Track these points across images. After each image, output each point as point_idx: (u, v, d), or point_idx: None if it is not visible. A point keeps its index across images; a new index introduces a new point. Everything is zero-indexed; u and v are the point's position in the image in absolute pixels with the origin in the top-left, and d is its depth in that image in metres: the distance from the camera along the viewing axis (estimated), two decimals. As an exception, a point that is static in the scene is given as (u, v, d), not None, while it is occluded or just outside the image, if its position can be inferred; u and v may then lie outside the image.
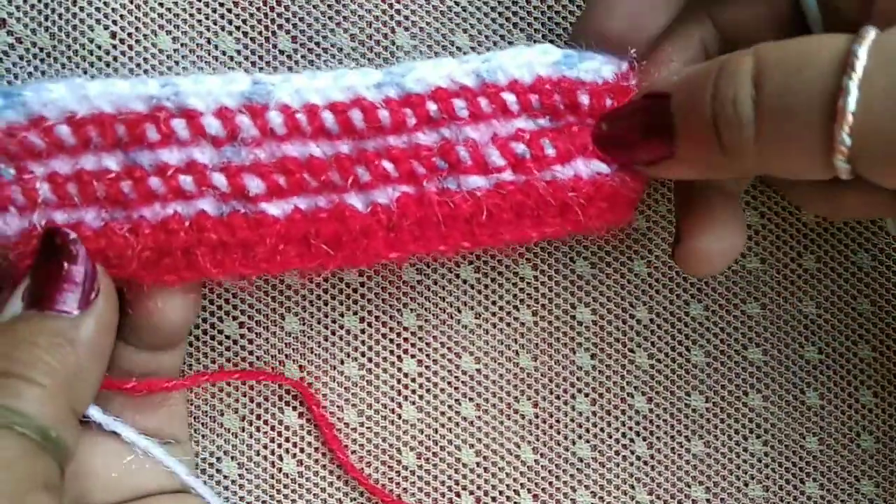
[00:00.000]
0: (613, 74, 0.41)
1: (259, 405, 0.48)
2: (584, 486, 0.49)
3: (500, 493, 0.49)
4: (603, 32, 0.41)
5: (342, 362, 0.48)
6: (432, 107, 0.39)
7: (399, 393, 0.48)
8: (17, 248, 0.38)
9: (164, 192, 0.38)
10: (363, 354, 0.48)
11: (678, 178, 0.43)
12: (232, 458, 0.48)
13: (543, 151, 0.40)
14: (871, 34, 0.33)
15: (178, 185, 0.38)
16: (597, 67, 0.41)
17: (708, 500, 0.49)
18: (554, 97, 0.40)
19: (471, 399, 0.49)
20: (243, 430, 0.48)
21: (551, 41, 0.48)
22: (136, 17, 0.47)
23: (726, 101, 0.35)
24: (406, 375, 0.48)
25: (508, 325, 0.49)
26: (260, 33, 0.48)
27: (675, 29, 0.43)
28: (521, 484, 0.49)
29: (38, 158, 0.38)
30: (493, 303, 0.48)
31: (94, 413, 0.41)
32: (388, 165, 0.39)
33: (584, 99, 0.40)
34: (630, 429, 0.49)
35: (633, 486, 0.49)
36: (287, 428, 0.48)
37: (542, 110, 0.41)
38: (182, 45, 0.47)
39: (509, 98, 0.40)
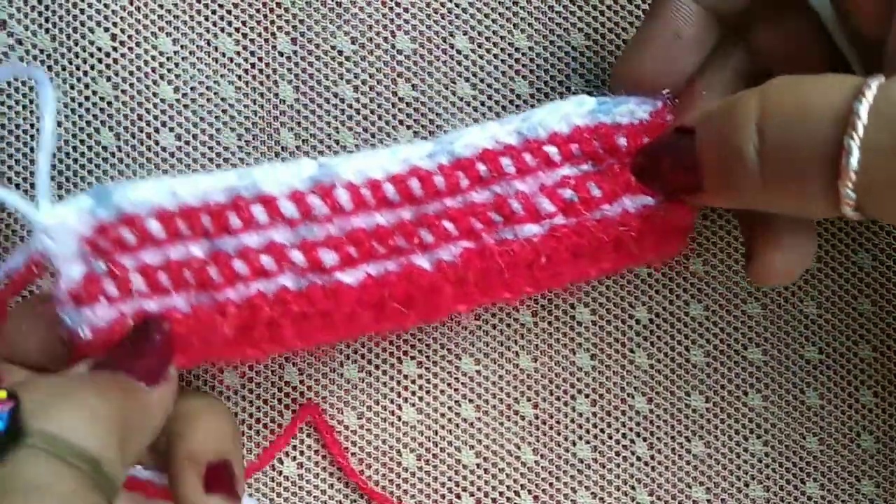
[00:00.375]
0: (649, 115, 0.43)
1: (258, 409, 0.48)
2: (585, 487, 0.49)
3: (501, 494, 0.49)
4: (637, 77, 0.43)
5: (341, 364, 0.48)
6: (482, 167, 0.42)
7: (399, 395, 0.48)
8: (102, 338, 0.39)
9: (248, 273, 0.40)
10: (363, 356, 0.48)
11: (715, 205, 0.44)
12: (232, 460, 0.48)
13: (590, 193, 0.42)
14: (872, 89, 0.33)
15: (260, 266, 0.40)
16: (632, 110, 0.43)
17: (709, 501, 0.49)
18: (593, 144, 0.43)
19: (470, 400, 0.49)
20: (242, 434, 0.48)
21: (552, 42, 0.48)
22: (135, 19, 0.47)
23: (732, 146, 0.36)
24: (406, 377, 0.48)
25: (508, 325, 0.49)
26: (259, 35, 0.48)
27: (709, 60, 0.44)
28: (522, 485, 0.49)
29: (128, 251, 0.39)
30: (493, 304, 0.48)
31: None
32: (448, 225, 0.41)
33: (622, 141, 0.43)
34: (630, 429, 0.49)
35: (633, 487, 0.49)
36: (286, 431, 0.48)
37: (583, 157, 0.43)
38: (182, 46, 0.47)
39: (551, 150, 0.42)
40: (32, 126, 0.47)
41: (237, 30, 0.48)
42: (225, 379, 0.48)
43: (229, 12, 0.48)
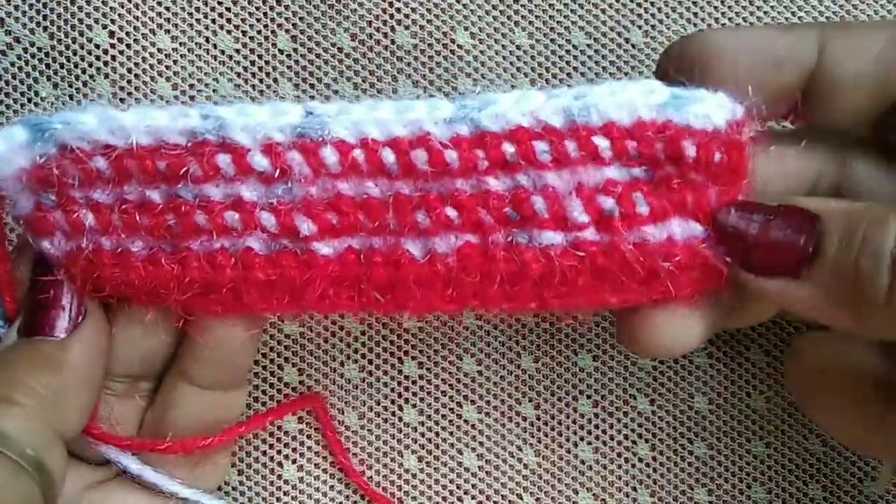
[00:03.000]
0: (726, 122, 0.36)
1: (258, 410, 0.48)
2: (587, 488, 0.49)
3: (503, 496, 0.48)
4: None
5: (342, 364, 0.48)
6: (509, 149, 0.35)
7: (400, 395, 0.48)
8: (65, 268, 0.38)
9: (210, 227, 0.36)
10: (363, 357, 0.48)
11: (787, 305, 0.38)
12: (232, 465, 0.48)
13: (635, 209, 0.36)
14: None
15: (223, 223, 0.36)
16: (709, 112, 0.35)
17: (711, 503, 0.49)
18: (655, 145, 0.35)
19: (472, 401, 0.48)
20: (242, 437, 0.47)
21: (552, 39, 0.48)
22: (134, 17, 0.47)
23: (875, 264, 0.33)
24: (407, 378, 0.48)
25: (510, 326, 0.48)
26: (259, 32, 0.48)
27: (804, 148, 0.40)
28: (524, 487, 0.48)
29: (77, 188, 0.36)
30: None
31: (132, 465, 0.42)
32: (451, 212, 0.36)
33: (690, 150, 0.35)
34: (632, 431, 0.49)
35: (635, 489, 0.49)
36: (287, 433, 0.48)
37: (638, 159, 0.36)
38: (181, 44, 0.47)
39: (602, 143, 0.35)
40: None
41: (237, 27, 0.48)
42: (256, 427, 0.47)
43: (229, 10, 0.48)
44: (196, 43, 0.47)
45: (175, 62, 0.47)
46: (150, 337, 0.41)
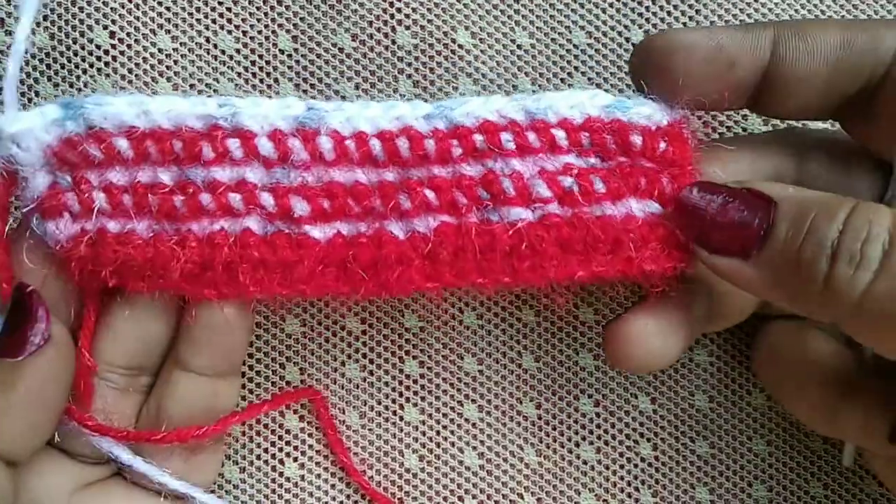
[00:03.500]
0: (667, 121, 0.41)
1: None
2: (588, 488, 0.49)
3: (504, 496, 0.48)
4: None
5: (343, 364, 0.48)
6: (479, 138, 0.40)
7: (401, 395, 0.48)
8: (66, 252, 0.39)
9: (213, 208, 0.39)
10: (364, 356, 0.48)
11: (735, 283, 0.40)
12: (234, 462, 0.48)
13: (593, 186, 0.40)
14: None
15: (227, 203, 0.39)
16: (649, 114, 0.41)
17: (712, 502, 0.49)
18: (605, 136, 0.40)
19: (473, 401, 0.48)
20: (244, 435, 0.48)
21: (553, 39, 0.48)
22: (135, 17, 0.47)
23: (856, 237, 0.35)
24: (408, 377, 0.48)
25: (511, 325, 0.48)
26: (260, 32, 0.48)
27: (759, 142, 0.44)
28: (525, 487, 0.48)
29: (95, 168, 0.39)
30: (496, 303, 0.48)
31: (124, 455, 0.42)
32: (429, 194, 0.40)
33: (637, 140, 0.40)
34: (634, 430, 0.49)
35: (637, 489, 0.49)
36: (288, 432, 0.48)
37: (592, 149, 0.40)
38: (181, 44, 0.47)
39: (559, 134, 0.40)
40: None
41: (237, 27, 0.48)
42: (254, 416, 0.47)
43: (229, 10, 0.48)
44: (196, 43, 0.47)
45: (175, 62, 0.47)
46: (148, 326, 0.42)
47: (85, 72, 0.47)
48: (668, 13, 0.49)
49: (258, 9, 0.48)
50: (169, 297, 0.41)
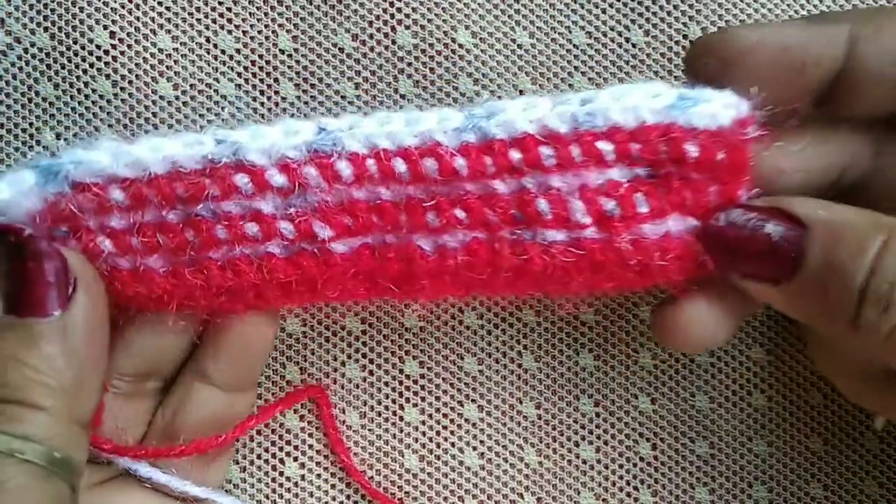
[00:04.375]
0: (731, 121, 0.37)
1: (259, 408, 0.48)
2: (588, 488, 0.49)
3: (504, 496, 0.48)
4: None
5: (343, 364, 0.48)
6: (515, 155, 0.37)
7: (401, 395, 0.48)
8: None
9: (230, 238, 0.37)
10: (364, 356, 0.48)
11: (767, 302, 0.39)
12: (234, 461, 0.48)
13: (635, 209, 0.37)
14: None
15: (243, 233, 0.37)
16: (714, 111, 0.36)
17: (712, 502, 0.49)
18: (658, 148, 0.37)
19: (473, 401, 0.48)
20: (245, 434, 0.48)
21: (553, 39, 0.48)
22: (135, 17, 0.47)
23: (885, 278, 0.33)
24: (408, 377, 0.48)
25: (511, 325, 0.48)
26: (260, 32, 0.48)
27: (825, 137, 0.40)
28: (525, 486, 0.48)
29: (93, 218, 0.37)
30: (496, 303, 0.48)
31: (141, 469, 0.42)
32: (460, 214, 0.37)
33: (693, 151, 0.37)
34: (634, 430, 0.49)
35: (636, 488, 0.49)
36: (289, 431, 0.48)
37: (641, 161, 0.37)
38: (182, 43, 0.47)
39: (605, 147, 0.37)
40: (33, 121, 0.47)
41: (237, 27, 0.48)
42: (267, 418, 0.47)
43: (229, 9, 0.48)
44: (197, 43, 0.47)
45: (176, 62, 0.47)
46: (164, 338, 0.41)
47: (85, 72, 0.47)
48: (668, 13, 0.49)
49: (258, 9, 0.48)
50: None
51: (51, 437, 0.35)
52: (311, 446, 0.48)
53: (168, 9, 0.47)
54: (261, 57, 0.48)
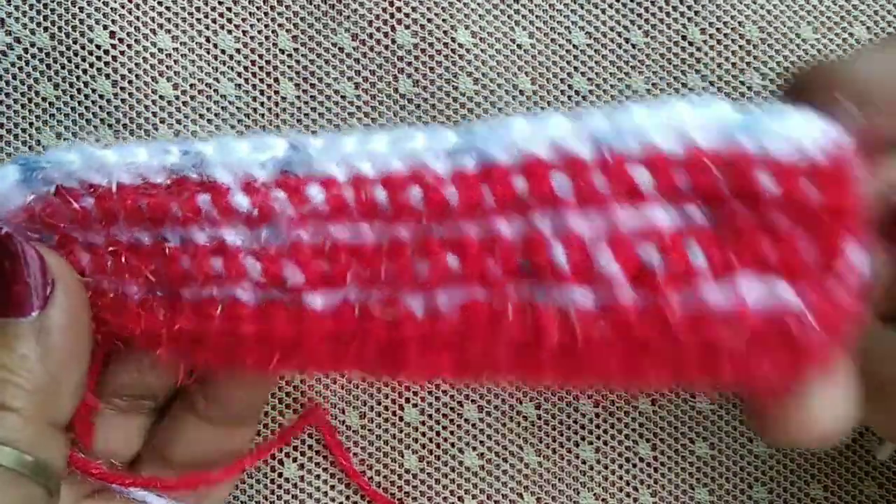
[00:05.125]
0: (824, 154, 0.26)
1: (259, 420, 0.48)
2: (588, 488, 0.49)
3: (504, 496, 0.48)
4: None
5: (343, 364, 0.48)
6: (520, 184, 0.28)
7: (400, 395, 0.48)
8: None
9: (196, 273, 0.32)
10: (364, 356, 0.48)
11: None
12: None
13: (688, 262, 0.27)
14: None
15: (208, 270, 0.31)
16: (799, 140, 0.26)
17: (712, 502, 0.49)
18: (715, 176, 0.27)
19: (473, 401, 0.48)
20: (239, 473, 0.47)
21: (553, 39, 0.48)
22: (135, 17, 0.47)
23: None
24: (408, 377, 0.48)
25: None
26: (260, 32, 0.48)
27: None
28: (525, 487, 0.48)
29: (76, 228, 0.34)
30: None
31: (136, 492, 0.40)
32: (452, 260, 0.29)
33: (768, 182, 0.26)
34: (633, 430, 0.49)
35: (636, 489, 0.49)
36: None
37: (692, 196, 0.27)
38: (182, 43, 0.47)
39: (641, 175, 0.27)
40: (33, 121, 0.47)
41: (237, 27, 0.48)
42: (266, 454, 0.47)
43: (229, 9, 0.48)
44: (197, 43, 0.48)
45: (176, 62, 0.47)
46: (155, 369, 0.39)
47: (85, 72, 0.47)
48: (668, 14, 0.49)
49: (258, 9, 0.48)
50: None
51: (20, 438, 0.33)
52: (310, 447, 0.48)
53: (168, 9, 0.47)
54: (260, 57, 0.48)
